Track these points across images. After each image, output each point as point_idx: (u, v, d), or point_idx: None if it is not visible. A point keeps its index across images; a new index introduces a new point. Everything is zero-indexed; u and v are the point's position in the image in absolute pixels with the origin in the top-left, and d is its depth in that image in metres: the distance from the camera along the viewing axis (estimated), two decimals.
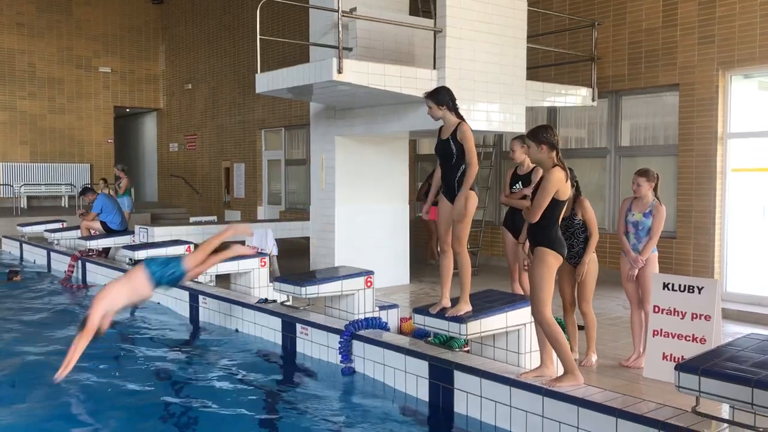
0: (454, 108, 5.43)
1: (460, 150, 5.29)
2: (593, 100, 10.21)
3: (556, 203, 4.76)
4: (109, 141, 23.02)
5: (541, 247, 4.80)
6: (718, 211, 9.14)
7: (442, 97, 5.42)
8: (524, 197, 6.56)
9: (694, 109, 9.38)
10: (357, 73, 7.68)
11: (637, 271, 5.95)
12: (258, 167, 18.87)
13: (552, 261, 4.79)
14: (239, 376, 6.45)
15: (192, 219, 13.81)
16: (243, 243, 12.05)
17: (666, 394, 4.71)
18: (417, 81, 8.09)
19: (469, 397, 5.28)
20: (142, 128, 25.90)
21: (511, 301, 5.62)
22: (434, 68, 8.27)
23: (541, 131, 4.86)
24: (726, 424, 4.00)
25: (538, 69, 10.51)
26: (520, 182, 6.76)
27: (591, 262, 5.93)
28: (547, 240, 4.79)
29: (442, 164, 5.50)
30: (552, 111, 11.33)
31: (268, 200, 18.75)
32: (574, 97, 10.15)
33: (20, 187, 20.43)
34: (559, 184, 4.73)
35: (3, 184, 20.75)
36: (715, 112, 9.15)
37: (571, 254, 5.85)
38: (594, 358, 6.03)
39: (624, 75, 10.29)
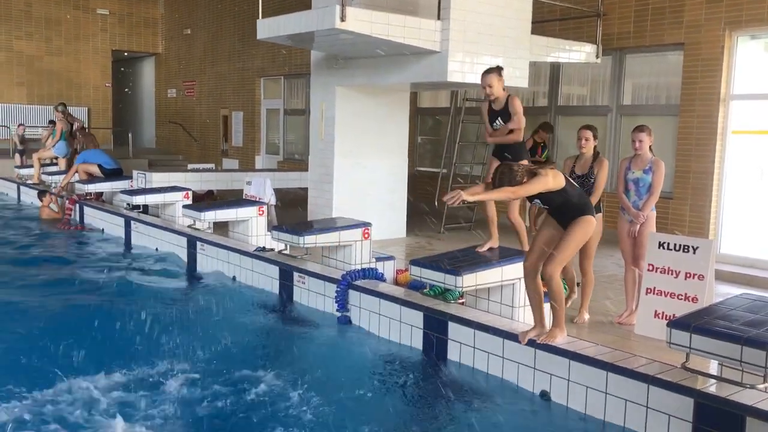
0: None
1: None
2: (597, 57, 10.09)
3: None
4: (107, 85, 22.77)
5: (587, 216, 4.84)
6: (717, 173, 9.14)
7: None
8: (510, 132, 6.28)
9: (699, 70, 9.29)
10: (360, 21, 7.57)
11: (638, 227, 5.97)
12: (257, 116, 18.73)
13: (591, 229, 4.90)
14: (235, 323, 6.53)
15: (190, 166, 13.82)
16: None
17: (656, 350, 4.79)
18: (421, 32, 7.99)
19: (462, 348, 5.36)
20: (140, 73, 25.58)
21: (507, 255, 5.66)
22: (438, 19, 8.16)
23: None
24: (713, 380, 4.09)
25: (543, 23, 10.36)
26: (499, 118, 6.24)
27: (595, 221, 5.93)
28: (589, 207, 4.91)
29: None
30: (555, 67, 11.21)
31: (267, 150, 18.67)
32: (579, 53, 10.03)
33: (17, 128, 20.22)
34: None
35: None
36: (720, 72, 9.06)
37: None
38: (586, 316, 6.09)
39: (629, 32, 10.16)
